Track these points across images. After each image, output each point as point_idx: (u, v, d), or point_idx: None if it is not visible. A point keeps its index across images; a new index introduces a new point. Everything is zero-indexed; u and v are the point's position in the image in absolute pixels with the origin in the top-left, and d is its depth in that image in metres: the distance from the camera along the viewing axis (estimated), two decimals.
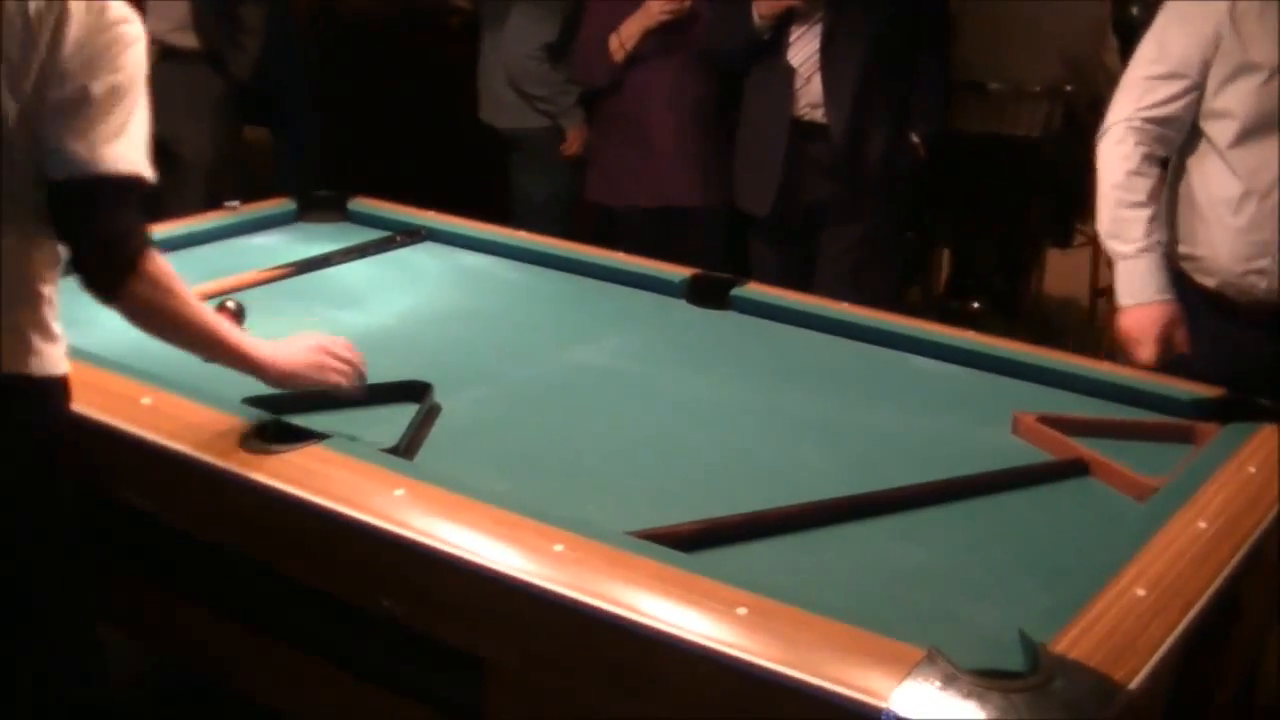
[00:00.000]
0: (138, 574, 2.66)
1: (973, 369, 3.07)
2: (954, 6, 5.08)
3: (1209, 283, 3.28)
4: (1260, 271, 3.20)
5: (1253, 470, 2.45)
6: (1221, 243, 3.23)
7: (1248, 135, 3.18)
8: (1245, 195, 3.18)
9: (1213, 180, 3.24)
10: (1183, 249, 3.32)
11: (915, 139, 4.65)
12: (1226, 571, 2.12)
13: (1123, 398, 2.89)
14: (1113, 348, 3.25)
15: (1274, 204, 3.16)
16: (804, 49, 4.44)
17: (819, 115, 4.46)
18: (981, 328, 3.35)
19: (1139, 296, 3.22)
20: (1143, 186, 3.23)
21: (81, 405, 2.52)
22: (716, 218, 4.89)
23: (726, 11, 4.54)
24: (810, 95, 4.45)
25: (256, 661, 2.51)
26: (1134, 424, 2.77)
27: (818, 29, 4.41)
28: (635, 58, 4.76)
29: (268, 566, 2.39)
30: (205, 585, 2.54)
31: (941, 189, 5.41)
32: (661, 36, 4.73)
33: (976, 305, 5.93)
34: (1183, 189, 3.32)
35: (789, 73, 4.46)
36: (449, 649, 2.15)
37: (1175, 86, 3.23)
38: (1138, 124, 3.26)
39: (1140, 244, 3.21)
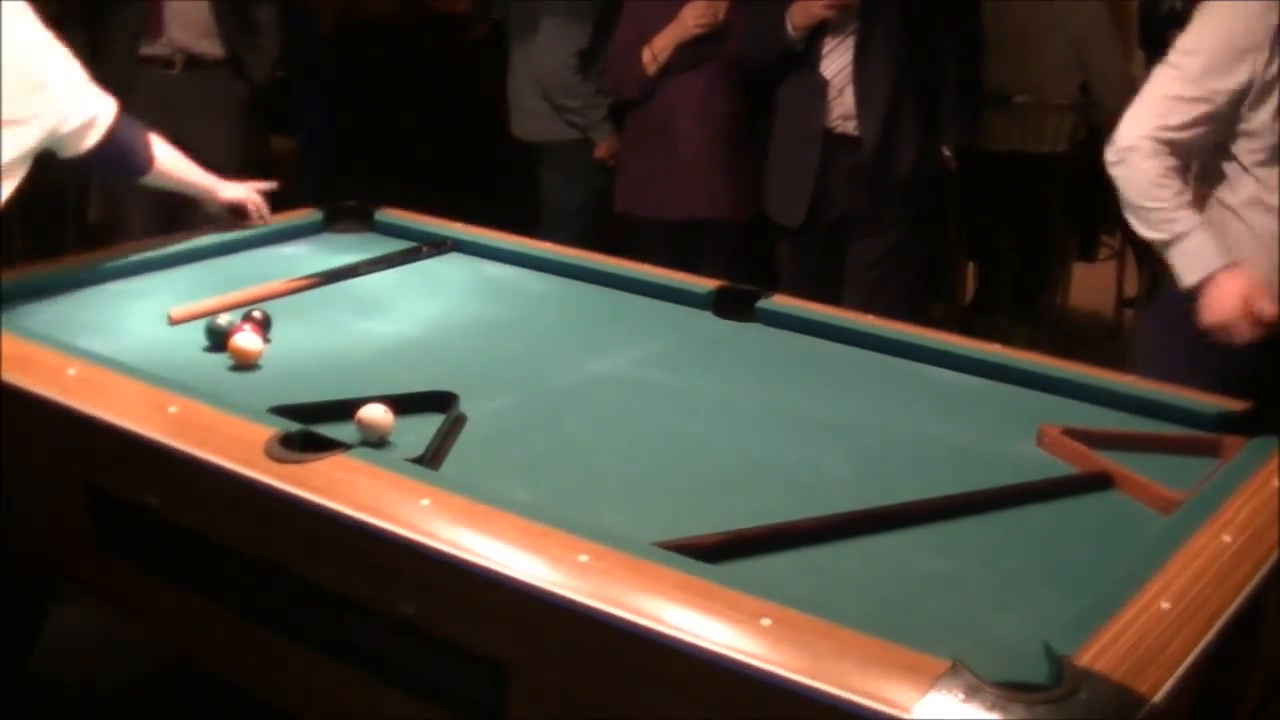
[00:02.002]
0: (161, 579, 2.67)
1: (997, 381, 3.06)
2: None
3: None
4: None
5: (1277, 484, 2.44)
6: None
7: (1272, 161, 3.16)
8: (1262, 223, 3.17)
9: (1233, 198, 3.22)
10: None
11: (947, 151, 4.66)
12: (1251, 585, 2.12)
13: (1148, 411, 2.88)
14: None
15: None
16: (837, 61, 4.45)
17: (851, 127, 4.47)
18: (1006, 340, 3.35)
19: (1210, 266, 3.15)
20: (1173, 186, 3.17)
21: (108, 412, 2.54)
22: (737, 230, 4.90)
23: (760, 22, 4.55)
24: (843, 107, 4.46)
25: (279, 666, 2.52)
26: (1159, 437, 2.77)
27: (851, 41, 4.43)
28: (666, 69, 4.78)
29: (293, 573, 2.40)
30: (230, 591, 2.55)
31: (966, 201, 5.42)
32: (693, 48, 4.74)
33: (1004, 319, 5.93)
34: (1212, 212, 3.29)
35: (822, 84, 4.47)
36: (473, 656, 2.16)
37: (1198, 110, 3.17)
38: (1154, 145, 3.19)
39: (1187, 225, 3.16)
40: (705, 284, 3.50)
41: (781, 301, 3.42)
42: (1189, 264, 3.18)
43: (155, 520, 2.58)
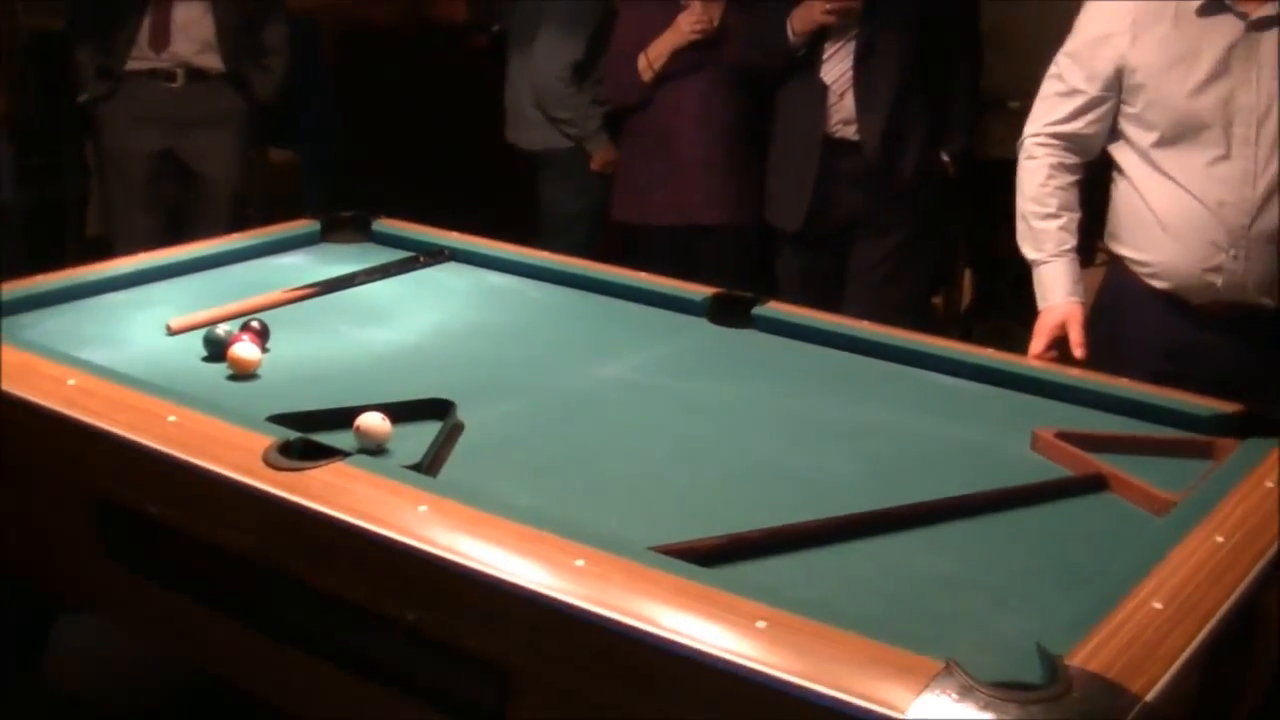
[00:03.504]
0: (164, 588, 2.68)
1: (993, 385, 3.08)
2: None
3: (1161, 285, 3.32)
4: (1216, 269, 3.25)
5: (1270, 485, 2.45)
6: (1170, 249, 3.30)
7: (1172, 140, 3.26)
8: (1183, 201, 3.25)
9: (1148, 188, 3.32)
10: (1128, 254, 3.37)
11: (945, 157, 4.67)
12: (1244, 585, 2.13)
13: (1142, 413, 2.89)
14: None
15: (1216, 205, 3.22)
16: (838, 66, 4.47)
17: (851, 132, 4.49)
18: (1003, 345, 3.37)
19: (1049, 299, 3.38)
20: (1054, 198, 3.42)
21: (108, 423, 2.55)
22: (741, 236, 4.91)
23: (761, 27, 4.56)
24: (843, 112, 4.48)
25: (280, 672, 2.53)
26: (1153, 439, 2.78)
27: (851, 46, 4.44)
28: (663, 76, 4.79)
29: (292, 581, 2.41)
30: (231, 600, 2.56)
31: (964, 207, 5.42)
32: (690, 55, 4.75)
33: (1002, 324, 5.93)
34: (1121, 195, 3.40)
35: (822, 89, 4.49)
36: (472, 662, 2.17)
37: (1075, 103, 3.37)
38: (1043, 139, 3.43)
39: (1052, 252, 3.40)
40: (701, 290, 3.51)
41: (778, 308, 3.43)
42: (1039, 291, 3.42)
43: (157, 530, 2.59)
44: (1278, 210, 3.21)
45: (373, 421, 2.57)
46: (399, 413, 2.65)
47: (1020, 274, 5.86)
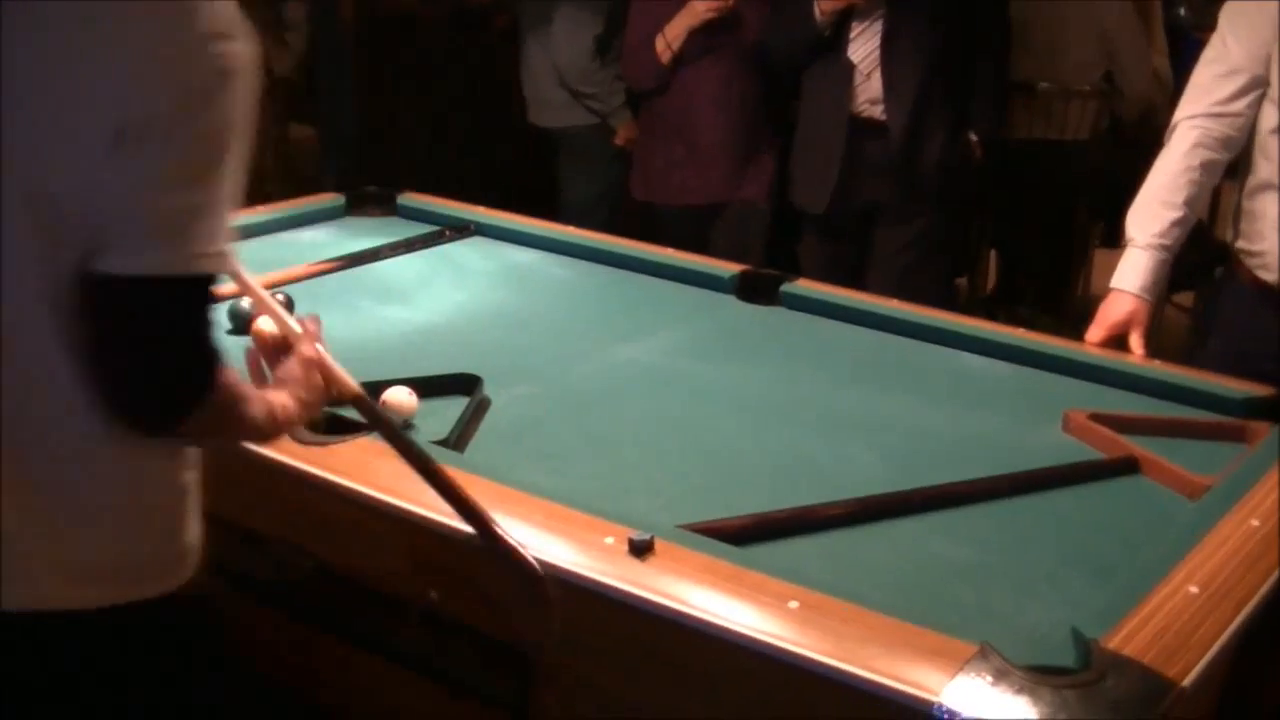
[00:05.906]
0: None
1: (1023, 366, 3.06)
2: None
3: (1269, 278, 3.26)
4: None
5: None
6: (1274, 236, 3.22)
7: None
8: None
9: (1268, 172, 3.23)
10: (1242, 244, 3.31)
11: (974, 138, 4.64)
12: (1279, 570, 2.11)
13: (1175, 396, 2.87)
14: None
15: None
16: (864, 46, 4.44)
17: (878, 112, 4.46)
18: (1031, 328, 3.35)
19: (1123, 284, 3.25)
20: (1184, 191, 3.24)
21: None
22: (761, 216, 4.89)
23: (787, 9, 4.53)
24: (870, 92, 4.45)
25: (302, 654, 2.52)
26: (1186, 422, 2.76)
27: (878, 26, 4.41)
28: (682, 57, 4.75)
29: (317, 557, 2.39)
30: (252, 578, 2.54)
31: (989, 190, 5.40)
32: (707, 36, 4.71)
33: (1026, 308, 5.91)
34: (1245, 184, 3.32)
35: (849, 69, 4.45)
36: (497, 642, 2.15)
37: (1237, 83, 3.23)
38: (1200, 122, 3.25)
39: (1151, 240, 3.24)
40: (729, 268, 3.50)
41: (805, 285, 3.42)
42: (1120, 270, 3.28)
43: None
44: None
45: (399, 396, 2.56)
46: (426, 387, 2.63)
47: (1044, 259, 5.90)
